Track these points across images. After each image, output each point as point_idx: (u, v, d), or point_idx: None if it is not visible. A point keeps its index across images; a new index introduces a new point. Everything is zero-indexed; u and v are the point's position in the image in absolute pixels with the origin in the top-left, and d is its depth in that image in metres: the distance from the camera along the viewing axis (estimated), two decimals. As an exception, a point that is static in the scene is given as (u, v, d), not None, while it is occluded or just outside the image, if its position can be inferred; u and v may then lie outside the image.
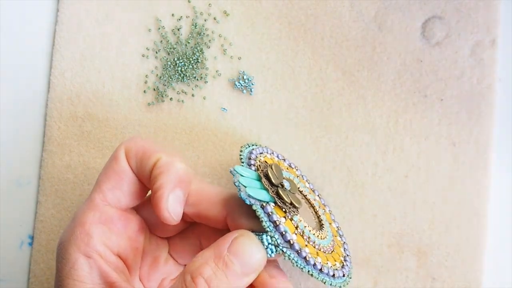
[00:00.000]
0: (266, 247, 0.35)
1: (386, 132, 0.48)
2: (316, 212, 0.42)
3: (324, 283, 0.37)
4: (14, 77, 0.48)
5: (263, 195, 0.36)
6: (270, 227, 0.35)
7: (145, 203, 0.40)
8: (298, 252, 0.36)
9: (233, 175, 0.36)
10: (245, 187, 0.35)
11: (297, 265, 0.35)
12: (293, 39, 0.48)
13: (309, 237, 0.38)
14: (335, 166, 0.48)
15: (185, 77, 0.47)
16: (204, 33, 0.48)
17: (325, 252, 0.39)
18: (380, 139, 0.48)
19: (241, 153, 0.40)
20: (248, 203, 0.35)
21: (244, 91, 0.48)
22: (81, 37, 0.48)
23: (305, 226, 0.38)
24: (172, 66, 0.47)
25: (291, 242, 0.35)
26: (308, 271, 0.36)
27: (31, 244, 0.47)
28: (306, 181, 0.45)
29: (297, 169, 0.45)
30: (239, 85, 0.48)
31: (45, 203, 0.47)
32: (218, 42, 0.48)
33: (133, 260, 0.38)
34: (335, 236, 0.42)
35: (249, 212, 0.36)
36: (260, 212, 0.35)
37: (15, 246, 0.47)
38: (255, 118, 0.48)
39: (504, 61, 0.48)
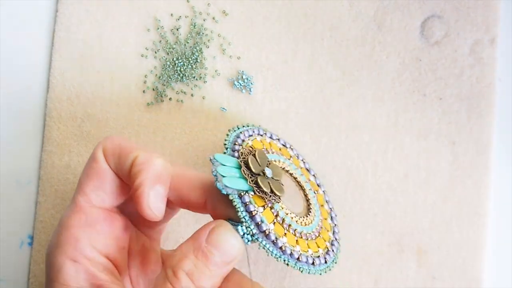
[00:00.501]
0: (242, 236, 0.35)
1: (385, 131, 0.48)
2: (306, 195, 0.42)
3: (302, 271, 0.36)
4: (13, 77, 0.48)
5: (241, 185, 0.36)
6: (245, 217, 0.35)
7: (128, 201, 0.40)
8: (274, 242, 0.36)
9: (212, 163, 0.36)
10: (223, 176, 0.35)
11: (272, 255, 0.35)
12: (293, 38, 0.48)
13: (289, 225, 0.37)
14: (335, 166, 0.47)
15: (184, 77, 0.47)
16: (203, 33, 0.48)
17: (307, 239, 0.38)
18: (380, 138, 0.48)
19: (226, 139, 0.39)
20: (225, 193, 0.35)
21: (243, 90, 0.48)
22: (80, 37, 0.48)
23: (287, 214, 0.37)
24: (171, 66, 0.47)
25: (267, 232, 0.35)
26: (284, 260, 0.36)
27: (31, 244, 0.47)
28: (302, 160, 0.45)
29: (292, 149, 0.44)
30: (238, 85, 0.47)
31: (45, 203, 0.47)
32: (217, 42, 0.48)
33: (122, 260, 0.38)
34: (325, 219, 0.42)
35: (228, 200, 0.36)
36: (236, 202, 0.35)
37: (15, 246, 0.47)
38: (255, 118, 0.48)
39: (504, 59, 0.48)
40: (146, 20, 0.48)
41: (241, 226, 0.35)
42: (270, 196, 0.36)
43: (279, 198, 0.37)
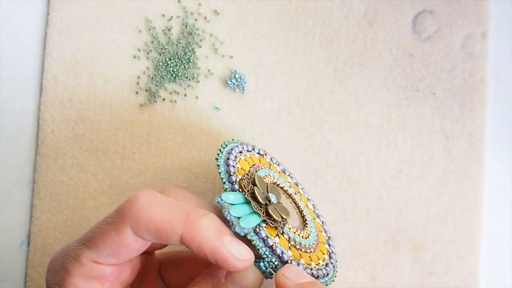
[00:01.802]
0: (264, 272, 0.35)
1: (379, 127, 0.48)
2: (298, 208, 0.42)
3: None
4: (5, 81, 0.48)
5: (255, 220, 0.35)
6: (267, 252, 0.35)
7: None
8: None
9: (222, 206, 0.35)
10: (238, 218, 0.34)
11: None
12: (284, 37, 0.48)
13: (300, 243, 0.38)
14: (329, 163, 0.48)
15: (177, 77, 0.47)
16: (195, 33, 0.48)
17: (307, 252, 0.38)
18: (373, 135, 0.48)
19: (219, 167, 0.38)
20: (243, 235, 0.34)
21: (237, 89, 0.48)
22: (72, 39, 0.48)
23: (295, 233, 0.38)
24: (164, 67, 0.47)
25: (289, 262, 0.35)
26: None
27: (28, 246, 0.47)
28: (289, 175, 0.45)
29: (278, 164, 0.45)
30: (231, 84, 0.48)
31: (40, 206, 0.47)
32: (209, 42, 0.48)
33: None
34: (320, 232, 0.42)
35: (243, 240, 0.35)
36: (256, 240, 0.35)
37: (15, 246, 0.47)
38: (248, 117, 0.48)
39: (496, 53, 0.48)
40: (138, 21, 0.48)
41: (263, 262, 0.35)
42: (281, 223, 0.36)
43: (286, 221, 0.37)
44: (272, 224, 0.36)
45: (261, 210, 0.36)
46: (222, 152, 0.39)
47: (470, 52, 0.48)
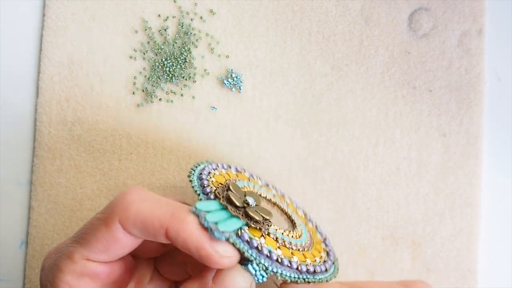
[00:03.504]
0: (255, 275, 0.34)
1: (376, 125, 0.48)
2: (282, 210, 0.41)
3: (308, 282, 0.36)
4: (1, 83, 0.48)
5: (235, 223, 0.35)
6: (253, 254, 0.34)
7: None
8: (289, 266, 0.35)
9: (198, 215, 0.34)
10: (216, 223, 0.34)
11: (291, 279, 0.35)
12: (280, 35, 0.48)
13: (290, 243, 0.37)
14: (327, 161, 0.48)
15: (173, 77, 0.47)
16: (191, 33, 0.48)
17: (301, 250, 0.38)
18: (370, 132, 0.48)
19: (192, 182, 0.38)
20: (224, 239, 0.34)
21: (233, 89, 0.48)
22: (68, 41, 0.48)
23: (283, 233, 0.37)
24: (160, 67, 0.47)
25: (279, 260, 0.35)
26: (304, 279, 0.35)
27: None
28: (272, 187, 0.44)
29: (259, 179, 0.44)
30: (227, 83, 0.48)
31: (38, 208, 0.47)
32: (205, 41, 0.48)
33: None
34: (314, 234, 0.42)
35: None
36: (239, 244, 0.34)
37: (15, 245, 0.47)
38: (245, 116, 0.48)
39: (492, 50, 0.48)
40: (133, 22, 0.48)
41: (251, 265, 0.34)
42: (263, 223, 0.36)
43: (270, 221, 0.37)
44: (254, 225, 0.35)
45: (239, 213, 0.35)
46: (194, 171, 0.39)
47: (466, 49, 0.48)
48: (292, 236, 0.38)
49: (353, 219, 0.47)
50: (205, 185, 0.37)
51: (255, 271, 0.34)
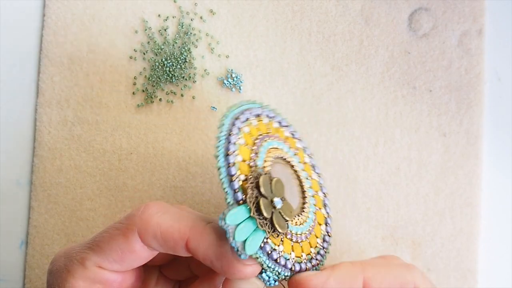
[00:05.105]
0: (267, 281, 0.34)
1: (376, 125, 0.48)
2: (303, 193, 0.39)
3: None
4: (2, 83, 0.48)
5: (260, 238, 0.34)
6: (270, 265, 0.34)
7: None
8: (297, 270, 0.35)
9: (226, 231, 0.33)
10: (243, 242, 0.33)
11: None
12: (280, 35, 0.48)
13: (291, 232, 0.36)
14: (327, 161, 0.47)
15: (173, 77, 0.47)
16: (191, 33, 0.48)
17: (300, 241, 0.37)
18: (370, 132, 0.48)
19: (220, 174, 0.34)
20: (248, 257, 0.33)
21: (233, 89, 0.48)
22: (68, 41, 0.48)
23: (291, 222, 0.36)
24: (160, 67, 0.47)
25: (293, 268, 0.35)
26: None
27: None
28: (308, 155, 0.42)
29: (300, 140, 0.41)
30: (227, 84, 0.48)
31: (38, 208, 0.47)
32: (205, 41, 0.48)
33: None
34: (320, 225, 0.40)
35: None
36: (260, 257, 0.33)
37: (15, 245, 0.47)
38: (245, 116, 0.48)
39: (492, 50, 0.48)
40: (134, 22, 0.48)
41: (265, 272, 0.34)
42: (285, 232, 0.35)
43: (291, 220, 0.36)
44: (276, 236, 0.35)
45: (266, 225, 0.34)
46: (221, 140, 0.35)
47: (466, 49, 0.48)
48: (297, 223, 0.37)
49: (353, 219, 0.47)
50: (233, 176, 0.34)
51: (269, 277, 0.34)
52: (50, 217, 0.47)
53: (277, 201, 0.35)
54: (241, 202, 0.34)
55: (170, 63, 0.47)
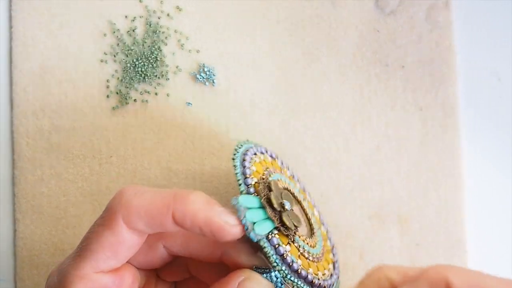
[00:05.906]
0: (275, 283, 0.34)
1: (352, 106, 0.48)
2: (308, 219, 0.41)
3: None
4: (-24, 98, 0.48)
5: (268, 226, 0.34)
6: (277, 260, 0.34)
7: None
8: (305, 278, 0.35)
9: (238, 210, 0.34)
10: (253, 223, 0.34)
11: None
12: (249, 25, 0.48)
13: (309, 252, 0.37)
14: (306, 146, 0.48)
15: (146, 77, 0.47)
16: (159, 31, 0.48)
17: (315, 261, 0.38)
18: (347, 113, 0.48)
19: (236, 169, 0.37)
20: (256, 241, 0.34)
21: (207, 83, 0.48)
22: (38, 50, 0.48)
23: (303, 241, 0.37)
24: (132, 68, 0.47)
25: (299, 271, 0.35)
26: None
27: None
28: (297, 180, 0.44)
29: (288, 169, 0.44)
30: (200, 78, 0.48)
31: (23, 220, 0.47)
32: (175, 38, 0.48)
33: None
34: (325, 241, 0.41)
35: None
36: (267, 248, 0.34)
37: (3, 258, 0.47)
38: (221, 108, 0.48)
39: (460, 21, 0.49)
40: (101, 25, 0.48)
41: (274, 272, 0.34)
42: (293, 231, 0.36)
43: (297, 229, 0.36)
44: (285, 232, 0.35)
45: (275, 217, 0.35)
46: (238, 152, 0.38)
47: (434, 22, 0.48)
48: (310, 245, 0.38)
49: (338, 201, 0.47)
50: (247, 175, 0.37)
51: (277, 278, 0.35)
52: (36, 228, 0.47)
53: (286, 203, 0.36)
54: (254, 194, 0.35)
55: (142, 63, 0.47)
